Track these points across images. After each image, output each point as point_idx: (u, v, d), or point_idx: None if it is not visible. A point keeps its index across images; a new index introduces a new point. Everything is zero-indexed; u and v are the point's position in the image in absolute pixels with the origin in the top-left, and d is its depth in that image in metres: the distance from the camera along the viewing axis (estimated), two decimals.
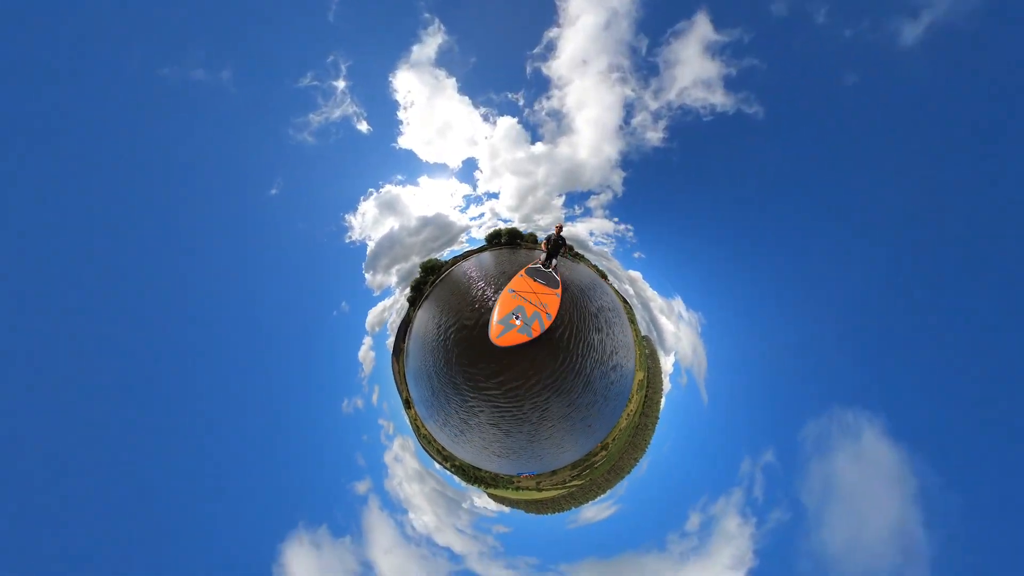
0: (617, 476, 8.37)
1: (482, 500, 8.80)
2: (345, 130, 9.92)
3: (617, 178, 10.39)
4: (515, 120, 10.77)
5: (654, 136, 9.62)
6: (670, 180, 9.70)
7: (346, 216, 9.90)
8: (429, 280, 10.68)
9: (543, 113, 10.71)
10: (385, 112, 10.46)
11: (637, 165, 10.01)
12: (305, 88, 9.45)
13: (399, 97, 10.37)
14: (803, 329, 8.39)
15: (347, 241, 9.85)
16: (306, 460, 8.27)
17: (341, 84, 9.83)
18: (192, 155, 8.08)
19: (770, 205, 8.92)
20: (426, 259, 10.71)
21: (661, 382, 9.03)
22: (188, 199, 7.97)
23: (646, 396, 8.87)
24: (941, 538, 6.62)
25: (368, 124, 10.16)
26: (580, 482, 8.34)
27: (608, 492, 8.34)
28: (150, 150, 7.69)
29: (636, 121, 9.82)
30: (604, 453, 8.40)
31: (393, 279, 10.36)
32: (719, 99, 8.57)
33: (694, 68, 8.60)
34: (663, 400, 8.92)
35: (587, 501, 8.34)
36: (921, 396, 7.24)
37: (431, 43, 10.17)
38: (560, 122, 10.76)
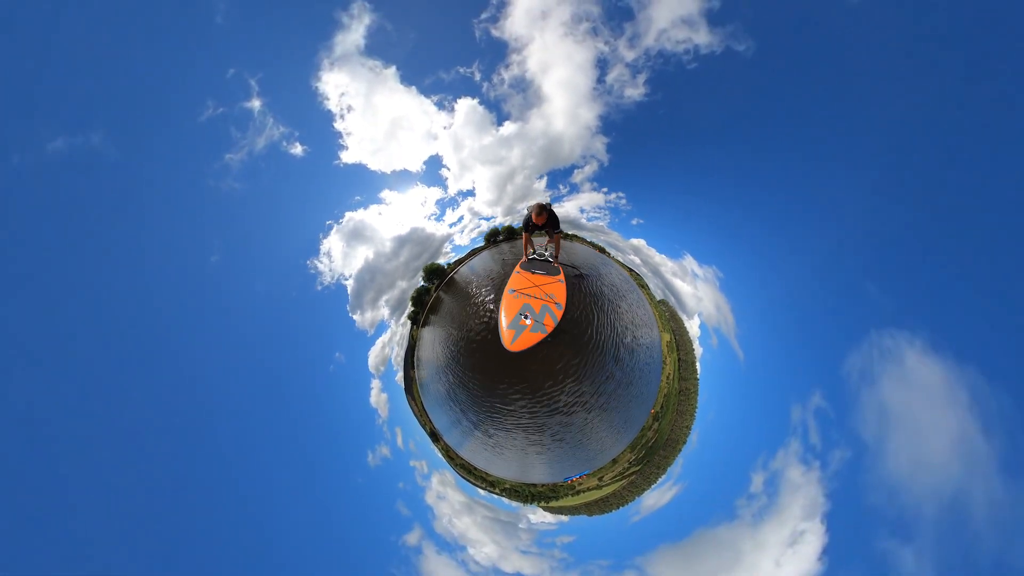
0: (672, 452, 8.05)
1: (537, 515, 8.33)
2: (277, 160, 8.48)
3: (600, 145, 9.54)
4: (474, 100, 9.62)
5: (634, 92, 8.78)
6: (658, 137, 8.98)
7: (310, 260, 8.71)
8: (432, 287, 9.77)
9: (505, 85, 9.58)
10: (319, 126, 9.00)
11: (620, 127, 9.18)
12: (210, 121, 7.78)
13: (332, 104, 8.95)
14: (822, 261, 8.08)
15: (319, 288, 8.70)
16: (347, 528, 7.49)
17: (256, 104, 8.26)
18: (102, 246, 6.58)
19: (769, 143, 8.38)
20: (429, 264, 9.75)
21: (691, 346, 8.64)
22: (116, 297, 6.58)
23: (679, 359, 8.47)
24: (1003, 441, 6.62)
25: (302, 145, 8.75)
26: (639, 467, 7.97)
27: (666, 472, 8.02)
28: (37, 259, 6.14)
29: (611, 77, 8.92)
30: (656, 425, 8.03)
31: (384, 312, 9.34)
32: (703, 38, 7.79)
33: (671, 5, 7.72)
34: (699, 365, 8.54)
35: (648, 488, 8.01)
36: (956, 305, 7.10)
37: (356, 27, 8.72)
38: (526, 92, 9.67)
